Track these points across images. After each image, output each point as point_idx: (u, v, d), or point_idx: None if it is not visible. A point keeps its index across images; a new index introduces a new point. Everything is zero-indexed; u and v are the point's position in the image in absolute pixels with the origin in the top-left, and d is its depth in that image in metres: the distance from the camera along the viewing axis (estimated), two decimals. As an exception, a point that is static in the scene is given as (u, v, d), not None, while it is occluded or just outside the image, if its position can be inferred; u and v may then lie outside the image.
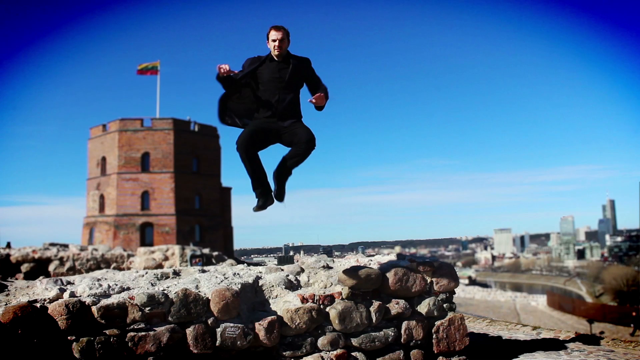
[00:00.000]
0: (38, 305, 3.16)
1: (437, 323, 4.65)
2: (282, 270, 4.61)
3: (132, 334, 3.41)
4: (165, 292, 3.68)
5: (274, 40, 3.98)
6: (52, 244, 12.56)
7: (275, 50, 3.99)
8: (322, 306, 4.26)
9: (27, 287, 3.61)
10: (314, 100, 3.94)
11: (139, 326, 3.45)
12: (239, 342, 3.83)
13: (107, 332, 3.30)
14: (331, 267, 4.78)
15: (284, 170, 4.07)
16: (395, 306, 4.49)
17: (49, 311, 3.15)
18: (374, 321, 4.37)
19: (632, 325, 32.22)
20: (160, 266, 11.96)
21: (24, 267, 10.34)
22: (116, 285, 3.65)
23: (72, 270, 10.60)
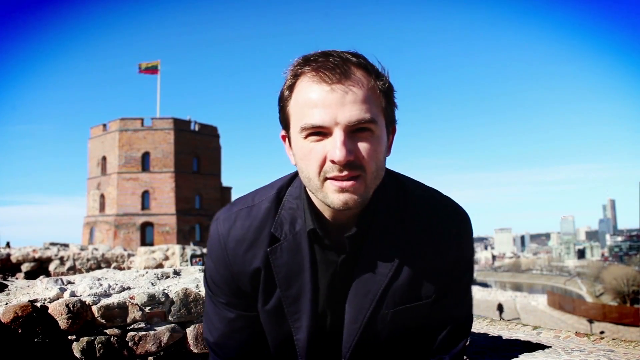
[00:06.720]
0: (38, 304, 3.16)
1: (438, 323, 4.64)
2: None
3: (132, 333, 3.41)
4: (166, 291, 3.69)
5: (316, 133, 0.95)
6: (53, 244, 12.58)
7: (338, 200, 0.95)
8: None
9: (28, 286, 3.61)
10: None
11: (140, 326, 3.46)
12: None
13: (107, 331, 3.30)
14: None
15: None
16: (396, 306, 4.48)
17: (49, 311, 3.15)
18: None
19: (497, 311, 37.84)
20: (160, 266, 11.97)
21: (25, 267, 10.35)
22: (116, 284, 3.65)
23: (73, 270, 10.61)
